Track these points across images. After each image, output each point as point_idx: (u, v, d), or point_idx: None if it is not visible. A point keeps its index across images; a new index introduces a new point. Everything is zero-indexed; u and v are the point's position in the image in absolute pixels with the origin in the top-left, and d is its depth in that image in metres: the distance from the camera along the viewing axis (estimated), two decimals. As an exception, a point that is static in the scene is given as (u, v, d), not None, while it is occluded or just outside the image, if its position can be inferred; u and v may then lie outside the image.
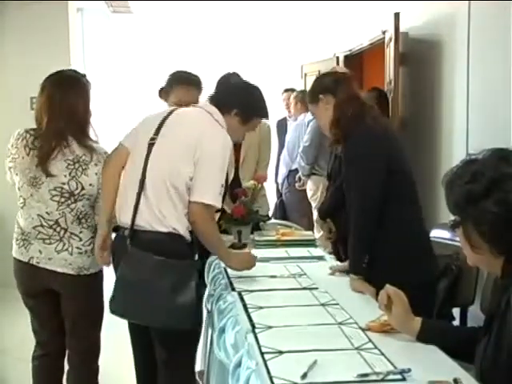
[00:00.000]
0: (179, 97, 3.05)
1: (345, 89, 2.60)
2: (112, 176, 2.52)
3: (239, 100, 2.57)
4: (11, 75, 5.76)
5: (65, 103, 2.65)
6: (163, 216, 2.37)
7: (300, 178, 5.96)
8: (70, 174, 2.61)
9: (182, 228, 2.40)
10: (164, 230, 2.37)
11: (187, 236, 2.42)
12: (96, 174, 2.63)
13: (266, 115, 2.71)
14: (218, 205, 2.41)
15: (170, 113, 2.53)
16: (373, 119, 2.54)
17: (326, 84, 2.64)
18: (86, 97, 2.74)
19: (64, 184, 2.61)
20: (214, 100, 2.59)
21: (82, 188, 2.63)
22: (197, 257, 2.52)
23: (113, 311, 2.39)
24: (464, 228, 1.56)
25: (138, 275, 2.33)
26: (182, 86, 3.11)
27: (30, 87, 5.43)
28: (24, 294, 2.76)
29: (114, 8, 7.55)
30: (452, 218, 1.60)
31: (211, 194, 2.38)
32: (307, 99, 2.73)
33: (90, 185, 2.63)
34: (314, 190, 5.78)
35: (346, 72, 2.82)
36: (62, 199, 2.62)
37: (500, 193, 1.47)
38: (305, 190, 5.91)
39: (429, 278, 2.53)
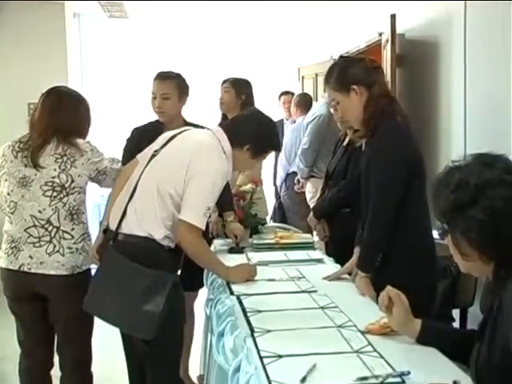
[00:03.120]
0: (153, 89, 3.30)
1: (379, 82, 2.47)
2: (120, 187, 2.57)
3: (253, 136, 2.54)
4: (8, 81, 5.76)
5: (68, 109, 2.75)
6: (142, 219, 2.39)
7: (299, 181, 5.95)
8: (59, 167, 2.66)
9: (158, 234, 2.39)
10: (141, 233, 2.38)
11: (164, 243, 2.41)
12: (83, 164, 2.68)
13: (277, 148, 2.75)
14: (201, 226, 2.38)
15: (183, 131, 2.58)
16: (403, 118, 2.48)
17: (360, 74, 2.45)
18: (87, 118, 2.87)
19: (54, 178, 2.65)
20: (229, 131, 2.55)
21: (72, 180, 2.66)
22: (179, 270, 2.52)
23: (85, 308, 2.44)
24: (452, 236, 1.56)
25: (112, 278, 2.36)
26: (156, 80, 3.33)
27: (27, 93, 5.47)
28: (10, 299, 2.75)
29: (111, 13, 7.54)
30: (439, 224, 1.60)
31: (194, 214, 2.36)
32: (331, 85, 2.52)
33: (79, 176, 2.68)
34: (313, 193, 5.76)
35: (374, 60, 2.61)
36: (54, 193, 2.65)
37: (486, 200, 1.47)
38: (303, 193, 5.90)
39: (436, 280, 2.54)
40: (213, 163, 2.42)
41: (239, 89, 3.85)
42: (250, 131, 2.56)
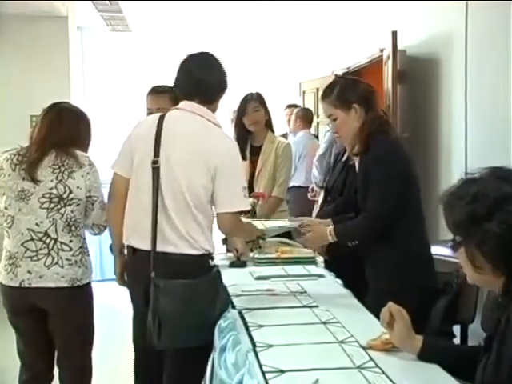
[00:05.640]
0: (148, 105, 3.32)
1: (375, 106, 2.66)
2: (118, 211, 2.48)
3: (219, 87, 2.54)
4: (11, 93, 5.79)
5: (69, 124, 2.76)
6: (193, 239, 2.36)
7: (313, 189, 5.94)
8: (56, 178, 2.65)
9: (212, 247, 2.45)
10: (195, 252, 2.37)
11: (214, 251, 2.49)
12: (82, 176, 2.67)
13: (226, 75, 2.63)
14: (248, 206, 2.44)
15: (160, 126, 2.42)
16: (394, 135, 2.67)
17: (362, 95, 2.61)
18: (87, 134, 2.88)
19: (52, 189, 2.64)
20: (198, 98, 2.48)
21: (70, 191, 2.65)
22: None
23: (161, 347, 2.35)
24: (466, 248, 1.55)
25: (174, 306, 2.26)
26: (149, 95, 3.35)
27: (29, 105, 5.50)
28: (10, 312, 2.74)
29: (113, 27, 7.58)
30: (451, 237, 1.59)
31: (240, 201, 2.38)
32: (331, 102, 2.63)
33: (78, 187, 2.67)
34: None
35: (370, 84, 2.79)
36: (52, 205, 2.64)
37: (503, 213, 1.46)
38: (304, 207, 5.88)
39: (429, 287, 2.58)
40: (226, 147, 2.41)
41: (265, 104, 3.82)
42: (216, 84, 2.54)
